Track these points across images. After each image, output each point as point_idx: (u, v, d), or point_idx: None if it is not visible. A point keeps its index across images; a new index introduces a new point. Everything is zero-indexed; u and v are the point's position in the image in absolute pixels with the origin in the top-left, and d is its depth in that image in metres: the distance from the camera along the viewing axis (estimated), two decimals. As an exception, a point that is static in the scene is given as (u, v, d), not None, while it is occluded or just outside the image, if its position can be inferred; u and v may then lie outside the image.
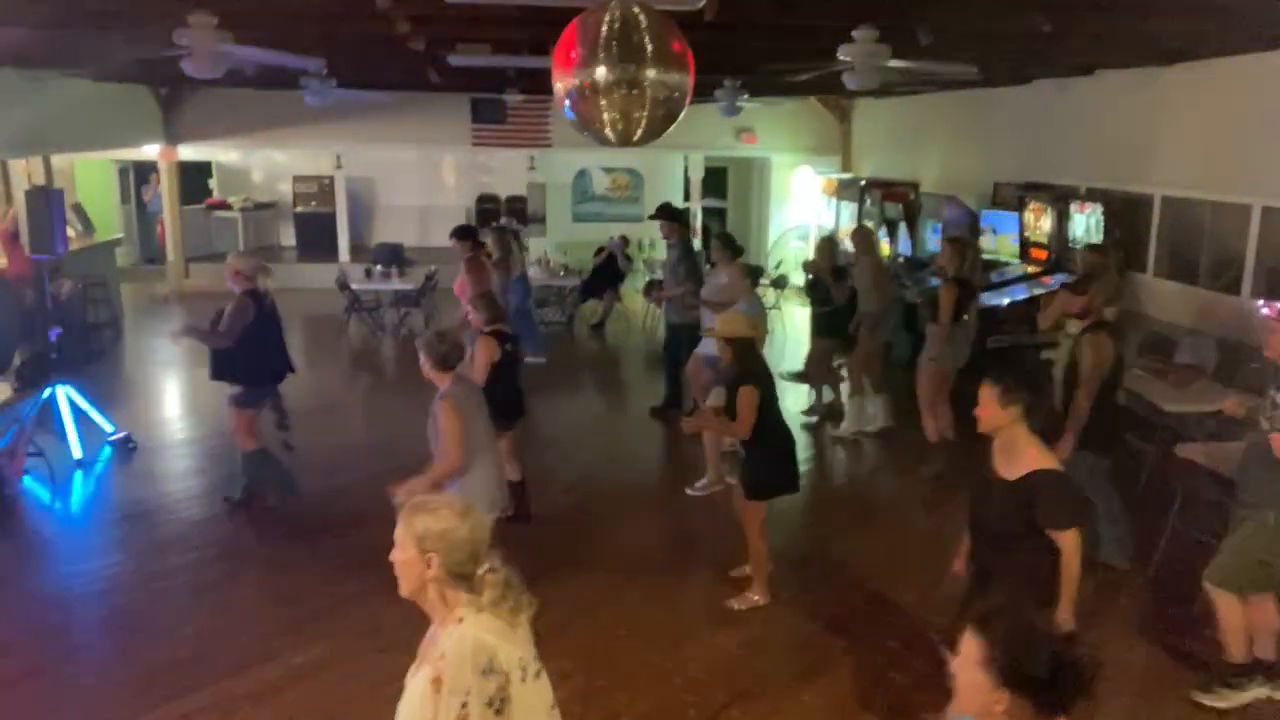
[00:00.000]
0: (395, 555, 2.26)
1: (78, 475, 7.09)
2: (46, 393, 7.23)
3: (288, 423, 6.71)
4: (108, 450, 7.53)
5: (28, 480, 6.78)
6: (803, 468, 7.96)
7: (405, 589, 2.27)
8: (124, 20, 6.02)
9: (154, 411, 8.98)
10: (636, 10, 3.33)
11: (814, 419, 8.57)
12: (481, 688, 2.14)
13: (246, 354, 6.12)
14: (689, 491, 6.84)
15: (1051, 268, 9.11)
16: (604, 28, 3.29)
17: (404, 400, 7.59)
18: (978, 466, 3.70)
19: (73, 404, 7.32)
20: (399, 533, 2.25)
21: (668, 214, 8.78)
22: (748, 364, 5.10)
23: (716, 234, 8.37)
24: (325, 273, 13.12)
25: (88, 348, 10.36)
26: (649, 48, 3.31)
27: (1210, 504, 5.22)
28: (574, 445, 8.07)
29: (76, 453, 7.21)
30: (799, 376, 9.16)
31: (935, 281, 9.46)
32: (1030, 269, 9.40)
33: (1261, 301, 6.76)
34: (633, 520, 6.57)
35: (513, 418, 6.18)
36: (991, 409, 3.45)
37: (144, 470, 7.25)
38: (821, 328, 8.56)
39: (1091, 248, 7.26)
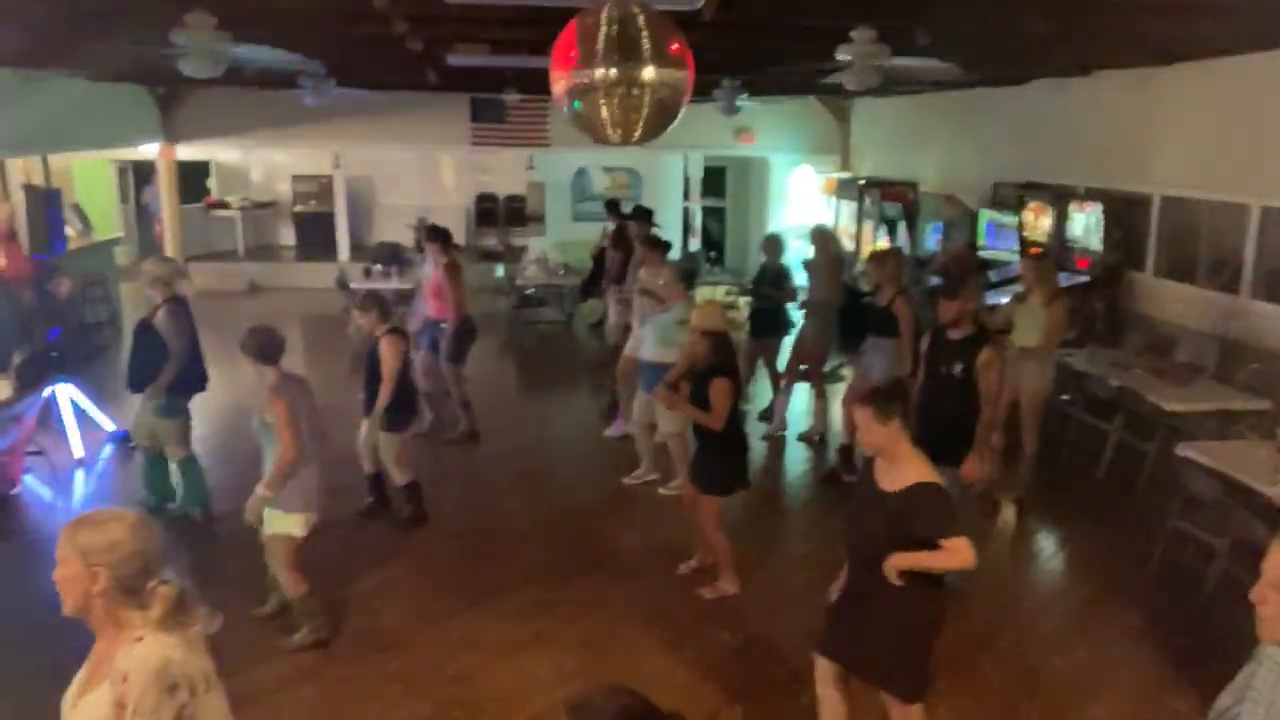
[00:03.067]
0: (58, 572, 2.17)
1: (78, 474, 7.09)
2: (46, 392, 7.24)
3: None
4: (108, 449, 7.53)
5: (28, 479, 6.79)
6: (798, 468, 8.10)
7: (69, 606, 2.17)
8: (122, 20, 6.02)
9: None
10: (635, 10, 3.32)
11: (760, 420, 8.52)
12: (168, 706, 2.12)
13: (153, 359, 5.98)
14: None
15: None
16: (602, 27, 3.29)
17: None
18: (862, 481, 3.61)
19: (73, 403, 7.32)
20: (62, 548, 2.16)
21: (636, 214, 8.95)
22: (723, 357, 5.15)
23: (643, 236, 8.23)
24: (324, 272, 13.12)
25: (87, 347, 10.35)
26: (647, 47, 3.30)
27: (1210, 504, 5.23)
28: (568, 446, 8.06)
29: (77, 452, 7.22)
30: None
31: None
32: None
33: None
34: (630, 520, 6.57)
35: (406, 420, 6.18)
36: (872, 430, 3.38)
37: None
38: (755, 327, 8.53)
39: (1033, 256, 7.04)
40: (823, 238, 8.66)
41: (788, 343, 8.48)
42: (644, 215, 9.37)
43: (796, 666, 4.70)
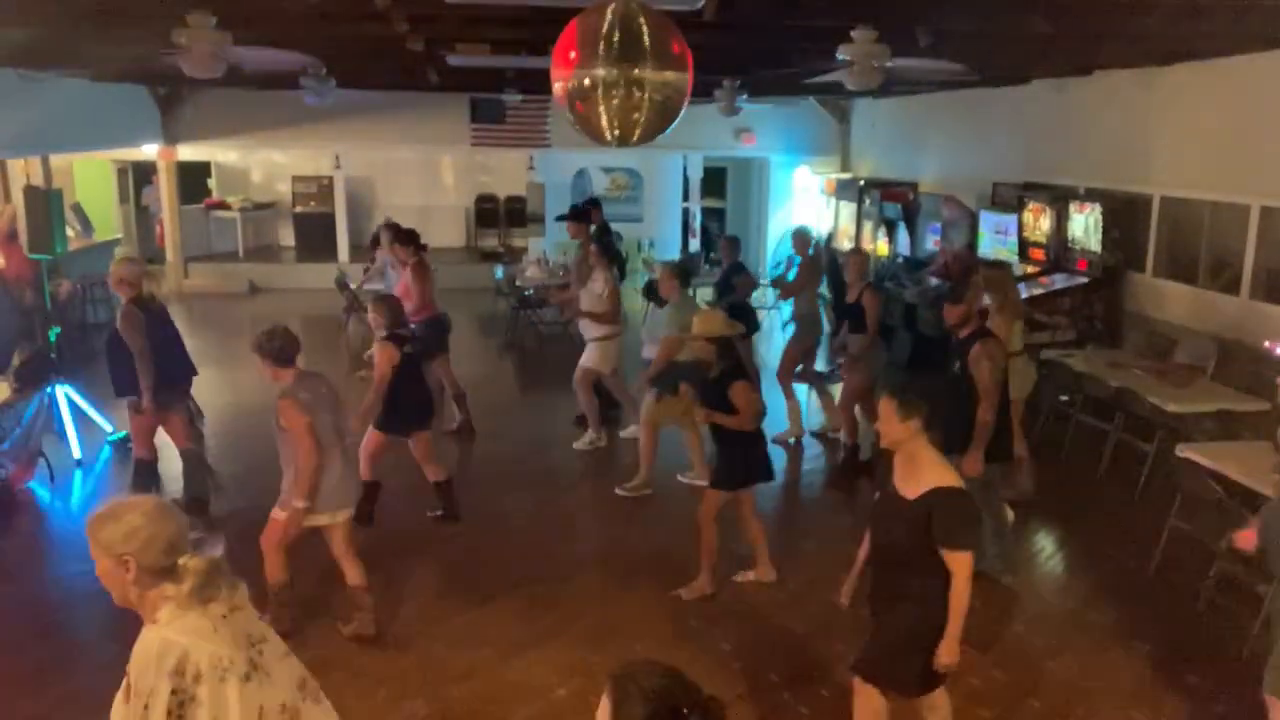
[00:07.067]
0: (97, 569, 2.20)
1: (77, 475, 7.10)
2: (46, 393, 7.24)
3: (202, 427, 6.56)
4: (107, 450, 7.53)
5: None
6: (806, 466, 8.09)
7: (117, 600, 2.21)
8: (123, 20, 6.02)
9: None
10: (636, 10, 3.33)
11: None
12: (165, 688, 2.08)
13: (130, 362, 5.86)
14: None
15: (1050, 268, 9.12)
16: (603, 28, 3.30)
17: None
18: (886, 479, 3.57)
19: (72, 404, 7.32)
20: (90, 546, 2.19)
21: (572, 214, 8.82)
22: (733, 359, 5.21)
23: (594, 237, 8.06)
24: (324, 273, 13.10)
25: (87, 348, 10.35)
26: (648, 48, 3.32)
27: (1210, 504, 5.23)
28: (568, 445, 8.02)
29: (76, 453, 7.22)
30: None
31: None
32: (1029, 269, 9.40)
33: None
34: (631, 519, 6.57)
35: (422, 420, 6.16)
36: (891, 423, 3.36)
37: (143, 470, 7.24)
38: None
39: (990, 264, 7.20)
40: (802, 240, 8.67)
41: (774, 342, 8.53)
42: (578, 216, 9.00)
43: (799, 665, 4.72)
